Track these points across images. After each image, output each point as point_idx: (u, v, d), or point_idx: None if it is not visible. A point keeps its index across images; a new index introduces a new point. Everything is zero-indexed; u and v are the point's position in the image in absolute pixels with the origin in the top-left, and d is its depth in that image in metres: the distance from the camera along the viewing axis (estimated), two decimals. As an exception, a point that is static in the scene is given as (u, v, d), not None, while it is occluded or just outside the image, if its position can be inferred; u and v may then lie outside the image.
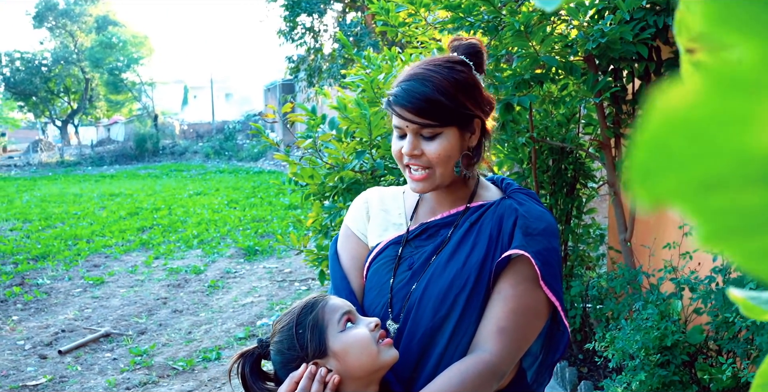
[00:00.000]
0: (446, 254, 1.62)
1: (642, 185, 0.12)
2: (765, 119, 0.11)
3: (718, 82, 0.11)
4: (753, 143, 0.11)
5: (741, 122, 0.11)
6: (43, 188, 21.11)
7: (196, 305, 7.32)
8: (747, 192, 0.12)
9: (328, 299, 1.53)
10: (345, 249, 1.83)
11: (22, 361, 5.74)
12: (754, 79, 0.11)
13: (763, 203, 0.12)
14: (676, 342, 3.10)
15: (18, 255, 9.98)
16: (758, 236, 0.12)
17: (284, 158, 4.12)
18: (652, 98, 0.13)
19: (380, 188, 1.90)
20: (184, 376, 5.24)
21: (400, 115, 1.55)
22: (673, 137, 0.11)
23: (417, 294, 1.60)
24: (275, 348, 1.53)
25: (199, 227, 12.13)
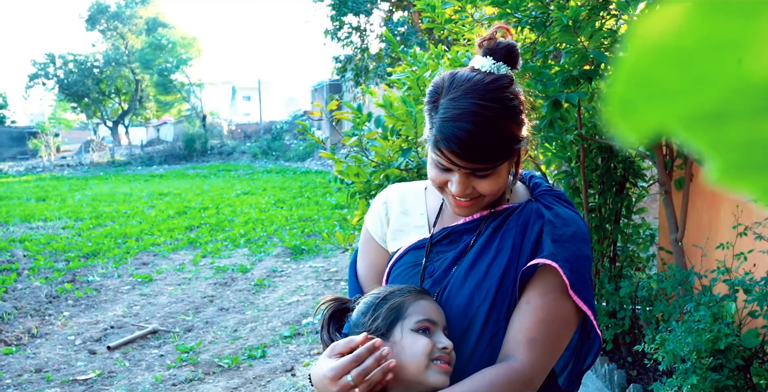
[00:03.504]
0: (467, 262, 1.55)
1: (625, 118, 0.10)
2: (761, 43, 0.09)
3: (706, 5, 0.09)
4: (750, 70, 0.09)
5: (734, 47, 0.09)
6: (94, 187, 21.51)
7: (242, 303, 7.37)
8: (754, 123, 0.09)
9: (424, 298, 1.51)
10: (364, 255, 1.76)
11: (72, 356, 5.83)
12: None
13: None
14: (729, 345, 3.01)
15: (70, 253, 10.17)
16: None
17: (330, 156, 4.11)
18: (635, 25, 0.11)
19: (402, 186, 1.80)
20: (230, 373, 5.27)
21: (451, 160, 1.43)
22: (660, 67, 0.10)
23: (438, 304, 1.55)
24: (357, 308, 1.56)
25: (246, 226, 12.22)
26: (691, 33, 0.09)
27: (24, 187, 22.23)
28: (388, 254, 1.73)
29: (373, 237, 1.75)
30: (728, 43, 0.09)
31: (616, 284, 4.54)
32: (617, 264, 4.79)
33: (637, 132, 0.11)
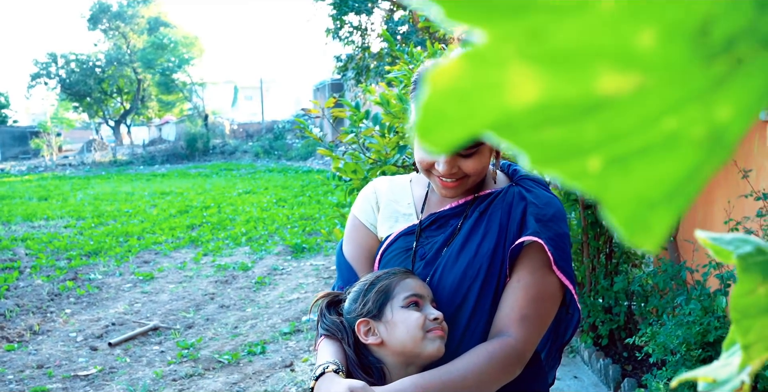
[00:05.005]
0: (457, 244, 1.63)
1: (426, 138, 0.14)
2: (511, 84, 0.13)
3: (471, 59, 0.13)
4: (510, 101, 0.13)
5: (495, 87, 0.13)
6: (96, 186, 21.57)
7: (243, 300, 7.42)
8: (538, 131, 0.14)
9: (409, 277, 1.60)
10: (352, 239, 1.83)
11: (74, 352, 5.89)
12: (494, 55, 0.13)
13: (554, 138, 0.14)
14: (719, 337, 3.06)
15: (71, 251, 10.22)
16: (570, 161, 0.15)
17: (328, 153, 4.16)
18: (426, 75, 0.16)
19: (388, 178, 1.89)
20: (230, 369, 5.33)
21: None
22: (446, 101, 0.13)
23: (432, 284, 1.63)
24: (348, 297, 1.64)
25: (248, 225, 12.27)
26: (464, 78, 0.14)
27: (26, 186, 22.30)
28: (377, 238, 1.80)
29: (363, 223, 1.82)
30: (489, 84, 0.14)
31: (611, 281, 4.59)
32: (613, 261, 4.84)
33: (435, 146, 0.15)
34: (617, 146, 0.14)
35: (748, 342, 0.33)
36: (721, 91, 0.14)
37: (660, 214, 0.16)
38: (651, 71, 0.13)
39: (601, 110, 0.13)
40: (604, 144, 0.14)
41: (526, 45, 0.12)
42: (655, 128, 0.14)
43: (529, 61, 0.12)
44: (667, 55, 0.13)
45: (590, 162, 0.15)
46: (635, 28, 0.12)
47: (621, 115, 0.14)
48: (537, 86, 0.13)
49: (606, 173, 0.15)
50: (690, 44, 0.13)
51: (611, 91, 0.13)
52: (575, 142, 0.14)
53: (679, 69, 0.13)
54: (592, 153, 0.14)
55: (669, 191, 0.15)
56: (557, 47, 0.12)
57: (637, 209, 0.15)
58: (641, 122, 0.14)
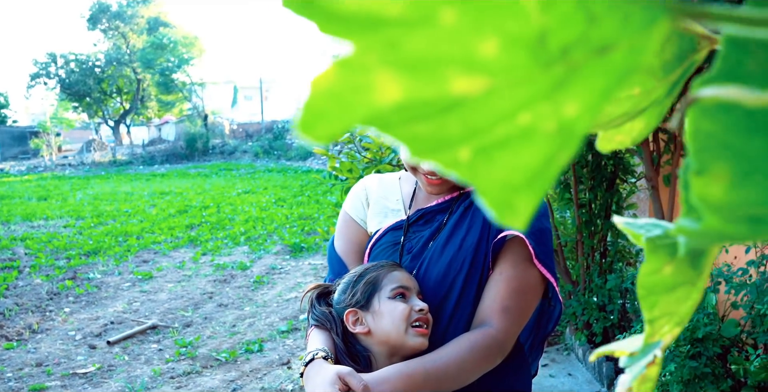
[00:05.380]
0: (443, 238, 1.69)
1: (307, 133, 0.16)
2: (376, 86, 0.15)
3: (342, 66, 0.16)
4: (377, 100, 0.16)
5: (363, 89, 0.15)
6: (95, 186, 21.60)
7: (241, 299, 7.44)
8: (408, 126, 0.16)
9: (396, 269, 1.65)
10: (343, 234, 1.89)
11: (72, 350, 5.92)
12: (360, 62, 0.15)
13: (425, 132, 0.16)
14: (708, 334, 3.09)
15: (71, 251, 10.25)
16: (442, 152, 0.17)
17: (324, 152, 4.19)
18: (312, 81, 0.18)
19: (378, 176, 1.95)
20: (227, 367, 5.35)
21: None
22: (324, 102, 0.16)
23: (418, 276, 1.68)
24: (337, 288, 1.69)
25: (247, 224, 12.30)
26: (337, 81, 0.16)
27: (25, 186, 22.33)
28: (366, 233, 1.86)
29: (353, 219, 1.88)
30: (358, 87, 0.16)
31: (605, 279, 4.62)
32: (607, 259, 4.87)
33: (316, 139, 0.18)
34: (481, 138, 0.17)
35: (653, 317, 0.36)
36: (566, 91, 0.17)
37: (523, 197, 0.18)
38: (496, 75, 0.16)
39: (458, 108, 0.16)
40: (469, 137, 0.17)
41: (385, 54, 0.15)
42: (511, 123, 0.17)
43: (389, 67, 0.15)
44: (510, 61, 0.15)
45: (460, 153, 0.17)
46: (478, 39, 0.15)
47: (477, 112, 0.16)
48: (398, 88, 0.15)
49: (474, 162, 0.17)
50: (529, 52, 0.16)
51: (463, 91, 0.15)
52: (443, 135, 0.16)
53: (522, 73, 0.16)
54: (460, 145, 0.17)
55: (529, 177, 0.18)
56: (410, 55, 0.15)
57: (503, 194, 0.18)
58: (498, 118, 0.16)
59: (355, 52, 0.15)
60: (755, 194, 0.23)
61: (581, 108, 0.17)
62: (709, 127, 0.22)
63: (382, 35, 0.14)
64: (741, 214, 0.23)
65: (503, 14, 0.15)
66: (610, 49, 0.16)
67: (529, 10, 0.15)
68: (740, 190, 0.23)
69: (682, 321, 0.39)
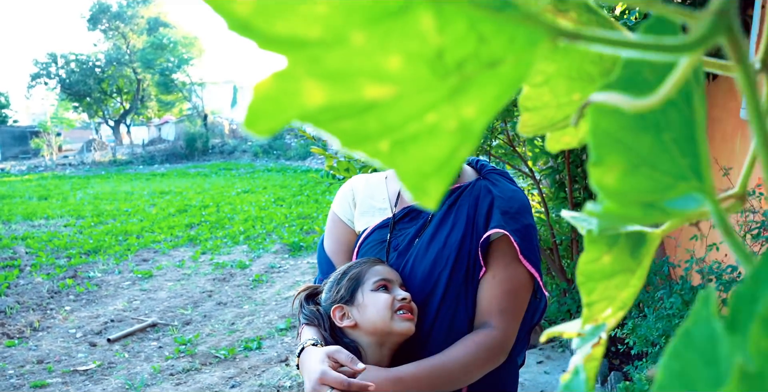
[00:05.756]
0: (428, 235, 1.73)
1: (251, 128, 0.20)
2: (304, 92, 0.19)
3: (278, 75, 0.19)
4: (306, 102, 0.19)
5: (295, 93, 0.19)
6: (96, 186, 21.64)
7: (240, 298, 7.49)
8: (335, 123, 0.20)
9: (377, 264, 1.70)
10: (331, 234, 1.93)
11: (73, 348, 5.96)
12: (291, 73, 0.19)
13: (349, 128, 0.20)
14: (701, 331, 3.13)
15: (71, 250, 10.30)
16: (366, 144, 0.21)
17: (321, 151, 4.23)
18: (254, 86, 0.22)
19: (365, 176, 1.98)
20: (226, 364, 5.40)
21: None
22: (264, 103, 0.19)
23: (405, 273, 1.72)
24: (324, 287, 1.74)
25: (246, 223, 12.34)
26: (272, 87, 0.20)
27: (26, 186, 22.38)
28: (354, 232, 1.90)
29: (341, 219, 1.91)
30: (291, 92, 0.20)
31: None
32: (604, 257, 4.91)
33: (259, 133, 0.21)
34: (396, 134, 0.20)
35: (591, 301, 0.40)
36: (464, 96, 0.20)
37: (433, 182, 0.22)
38: (401, 84, 0.19)
39: (373, 109, 0.20)
40: (386, 132, 0.20)
41: (310, 67, 0.18)
42: (420, 121, 0.20)
43: (313, 77, 0.19)
44: (412, 73, 0.19)
45: (380, 145, 0.21)
46: (384, 55, 0.19)
47: (390, 112, 0.20)
48: (321, 94, 0.19)
49: (392, 153, 0.21)
50: (429, 66, 0.19)
51: (374, 96, 0.19)
52: (364, 131, 0.20)
53: (423, 82, 0.20)
54: (380, 139, 0.20)
55: (437, 166, 0.21)
56: (329, 68, 0.18)
57: (418, 179, 0.22)
58: (409, 118, 0.20)
59: (287, 65, 0.19)
60: (643, 183, 0.27)
61: (478, 110, 0.21)
62: (606, 125, 0.26)
63: (306, 53, 0.18)
64: (633, 199, 0.27)
65: (405, 35, 0.18)
66: (499, 63, 0.20)
67: (428, 32, 0.19)
68: (630, 179, 0.27)
69: (625, 305, 0.43)
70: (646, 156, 0.27)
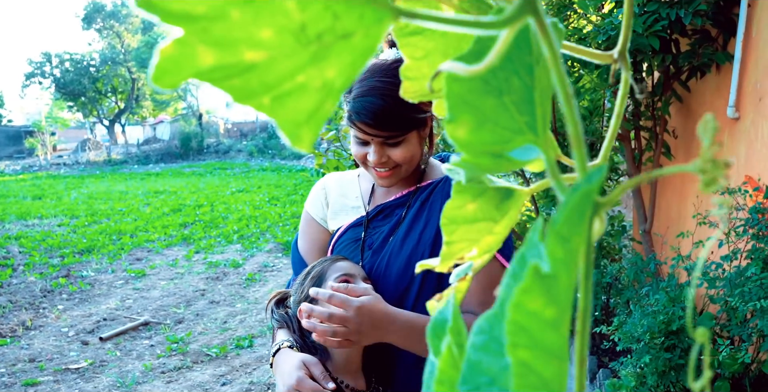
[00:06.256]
0: (402, 232, 1.74)
1: (157, 83, 0.25)
2: (197, 55, 0.24)
3: (177, 42, 0.25)
4: (199, 63, 0.25)
5: (190, 56, 0.25)
6: (90, 185, 21.66)
7: (233, 296, 7.54)
8: (226, 81, 0.25)
9: (339, 260, 1.71)
10: (304, 233, 1.93)
11: (65, 347, 6.00)
12: (187, 40, 0.24)
13: (237, 85, 0.25)
14: (682, 326, 3.19)
15: (65, 249, 10.33)
16: (253, 99, 0.26)
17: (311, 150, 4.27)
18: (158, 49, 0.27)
19: (338, 174, 1.99)
20: (217, 362, 5.45)
21: (364, 131, 1.61)
22: (166, 63, 0.25)
23: (380, 271, 1.73)
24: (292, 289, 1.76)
25: (240, 223, 12.39)
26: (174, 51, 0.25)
27: (20, 185, 22.39)
28: (328, 232, 1.90)
29: (314, 219, 1.92)
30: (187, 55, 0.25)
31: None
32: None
33: (164, 86, 0.26)
34: (274, 90, 0.26)
35: (451, 240, 0.45)
36: (326, 61, 0.26)
37: (305, 130, 0.27)
38: (273, 50, 0.24)
39: (253, 70, 0.25)
40: (267, 89, 0.26)
41: (200, 36, 0.24)
42: (292, 81, 0.26)
43: (203, 44, 0.24)
44: (281, 41, 0.24)
45: (263, 100, 0.26)
46: (258, 27, 0.24)
47: (267, 73, 0.25)
48: (211, 56, 0.24)
49: (273, 106, 0.26)
50: (294, 36, 0.25)
51: (253, 59, 0.24)
52: (249, 88, 0.25)
53: (290, 49, 0.25)
54: (263, 95, 0.26)
55: (307, 116, 0.27)
56: (216, 37, 0.24)
57: (293, 128, 0.27)
58: (283, 77, 0.25)
59: (184, 34, 0.24)
60: (487, 136, 0.33)
61: (337, 72, 0.26)
62: (457, 89, 0.32)
63: (197, 25, 0.23)
64: (482, 150, 0.33)
65: (273, 13, 0.24)
66: (351, 35, 0.25)
67: (291, 10, 0.24)
68: (477, 133, 0.33)
69: (490, 249, 0.48)
70: (490, 115, 0.32)
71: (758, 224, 3.12)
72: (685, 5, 3.59)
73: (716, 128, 0.32)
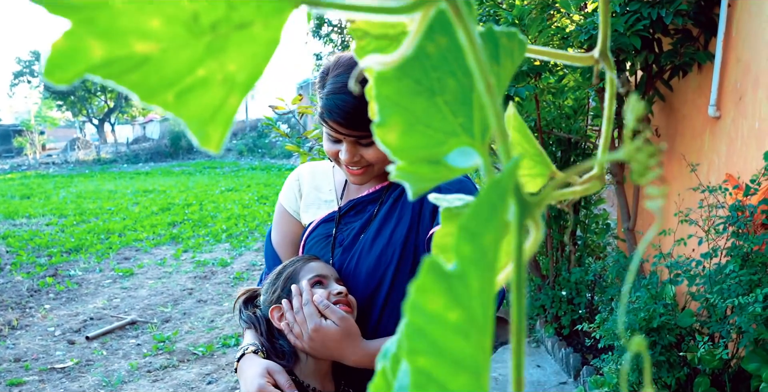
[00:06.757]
0: (373, 230, 1.70)
1: (49, 78, 0.25)
2: (87, 48, 0.24)
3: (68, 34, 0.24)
4: (90, 57, 0.24)
5: (81, 49, 0.24)
6: (79, 184, 21.56)
7: (221, 295, 7.52)
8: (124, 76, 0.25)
9: (311, 261, 1.69)
10: (278, 226, 1.88)
11: (51, 346, 5.98)
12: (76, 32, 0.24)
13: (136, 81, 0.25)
14: (663, 323, 3.20)
15: (52, 248, 10.28)
16: (157, 96, 0.26)
17: (295, 149, 4.27)
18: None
19: (312, 164, 1.92)
20: (204, 361, 5.43)
21: (337, 130, 1.56)
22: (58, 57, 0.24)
23: (349, 269, 1.70)
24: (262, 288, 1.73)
25: (229, 222, 12.36)
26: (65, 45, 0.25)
27: (8, 185, 22.28)
28: (301, 225, 1.86)
29: (287, 211, 1.87)
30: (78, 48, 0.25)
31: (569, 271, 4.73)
32: (577, 253, 4.98)
33: (56, 82, 0.26)
34: (176, 86, 0.25)
35: None
36: (225, 54, 0.25)
37: (212, 128, 0.26)
38: (164, 41, 0.24)
39: (148, 63, 0.24)
40: (168, 85, 0.25)
41: (87, 27, 0.23)
42: (193, 75, 0.25)
43: (91, 36, 0.23)
44: (171, 32, 0.24)
45: (167, 97, 0.25)
46: (145, 17, 0.23)
47: (163, 66, 0.24)
48: (101, 48, 0.23)
49: (177, 103, 0.26)
50: (185, 27, 0.24)
51: (144, 51, 0.24)
52: (149, 84, 0.25)
53: (182, 40, 0.24)
54: (165, 91, 0.25)
55: (213, 112, 0.26)
56: (102, 28, 0.23)
57: (200, 125, 0.26)
58: (183, 72, 0.25)
59: (72, 25, 0.23)
60: (419, 140, 0.32)
61: (239, 65, 0.26)
62: (386, 91, 0.32)
63: (81, 15, 0.23)
64: (416, 156, 0.33)
65: (161, 2, 0.23)
66: (249, 25, 0.25)
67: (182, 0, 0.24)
68: (408, 137, 0.32)
69: None
70: (421, 116, 0.32)
71: (737, 221, 3.14)
72: (666, 5, 3.60)
73: (641, 112, 0.31)
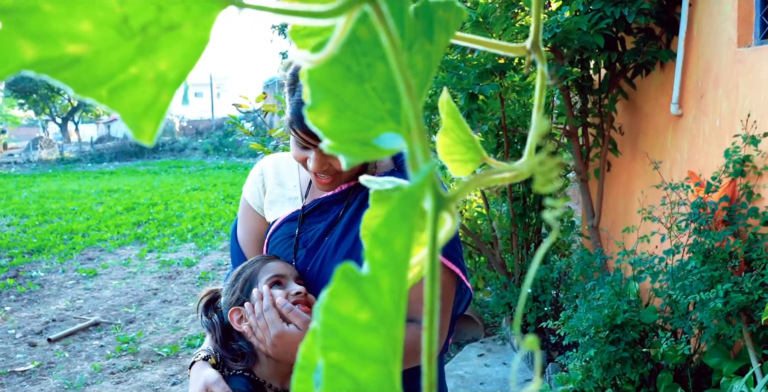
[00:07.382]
0: (338, 233, 1.66)
1: None
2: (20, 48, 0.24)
3: None
4: (23, 56, 0.25)
5: (14, 48, 0.24)
6: (42, 184, 21.26)
7: (186, 295, 7.47)
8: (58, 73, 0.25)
9: (270, 261, 1.67)
10: (243, 222, 1.84)
11: (11, 349, 5.89)
12: (5, 33, 0.24)
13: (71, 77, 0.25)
14: (626, 320, 3.24)
15: (14, 249, 10.12)
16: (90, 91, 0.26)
17: (260, 147, 4.26)
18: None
19: (276, 157, 1.87)
20: (168, 362, 5.40)
21: (306, 139, 1.51)
22: None
23: (314, 272, 1.67)
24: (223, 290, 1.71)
25: (194, 221, 12.28)
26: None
27: (-31, 185, 21.91)
28: (265, 221, 1.81)
29: (251, 206, 1.82)
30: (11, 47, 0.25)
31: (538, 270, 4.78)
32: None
33: None
34: (109, 83, 0.26)
35: None
36: (156, 54, 0.26)
37: (145, 122, 0.27)
38: (95, 43, 0.24)
39: (81, 63, 0.25)
40: (101, 82, 0.25)
41: (17, 29, 0.23)
42: (126, 73, 0.26)
43: (22, 37, 0.24)
44: (102, 34, 0.24)
45: (101, 92, 0.26)
46: (75, 20, 0.24)
47: (96, 65, 0.25)
48: (33, 49, 0.24)
49: (111, 98, 0.26)
50: (115, 29, 0.25)
51: (76, 52, 0.24)
52: (83, 80, 0.25)
53: (112, 42, 0.25)
54: (99, 87, 0.26)
55: (145, 107, 0.27)
56: (32, 30, 0.23)
57: (133, 120, 0.27)
58: (114, 70, 0.25)
59: (2, 27, 0.24)
60: (348, 124, 0.33)
61: (169, 64, 0.26)
62: (317, 77, 0.33)
63: (11, 17, 0.23)
64: (347, 138, 0.33)
65: (90, 6, 0.24)
66: (178, 27, 0.26)
67: (111, 3, 0.24)
68: (338, 121, 0.33)
69: (422, 259, 0.48)
70: (350, 102, 0.33)
71: (699, 218, 3.19)
72: (629, 4, 3.65)
73: (545, 128, 0.33)
